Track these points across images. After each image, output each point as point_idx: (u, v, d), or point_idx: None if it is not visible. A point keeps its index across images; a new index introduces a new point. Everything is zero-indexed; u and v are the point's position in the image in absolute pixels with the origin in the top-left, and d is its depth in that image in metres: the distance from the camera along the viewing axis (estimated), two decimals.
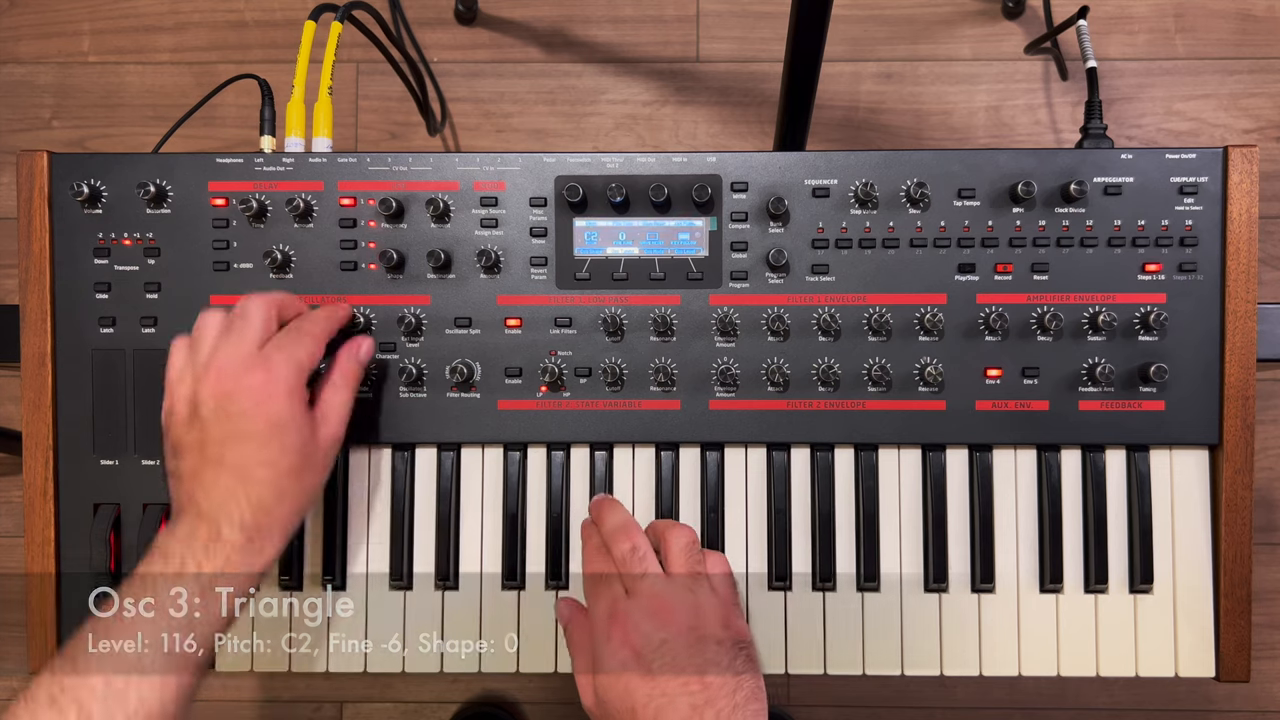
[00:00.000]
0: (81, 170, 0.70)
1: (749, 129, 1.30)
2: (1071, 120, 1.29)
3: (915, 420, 0.69)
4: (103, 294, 0.70)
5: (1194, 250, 0.69)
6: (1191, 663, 0.70)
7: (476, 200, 0.70)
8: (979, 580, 0.70)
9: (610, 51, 1.31)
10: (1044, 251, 0.69)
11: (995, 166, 0.69)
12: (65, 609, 0.70)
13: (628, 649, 0.59)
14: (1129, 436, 0.69)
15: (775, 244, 0.69)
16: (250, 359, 0.61)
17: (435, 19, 1.32)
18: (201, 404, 0.60)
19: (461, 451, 0.72)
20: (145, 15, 1.33)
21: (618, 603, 0.62)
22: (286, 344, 0.62)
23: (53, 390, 0.70)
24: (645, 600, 0.61)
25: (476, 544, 0.71)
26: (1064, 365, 0.69)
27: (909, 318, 0.69)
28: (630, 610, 0.61)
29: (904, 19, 1.31)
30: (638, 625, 0.60)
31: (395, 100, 1.31)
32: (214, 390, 0.60)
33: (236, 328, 0.62)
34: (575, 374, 0.70)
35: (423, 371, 0.70)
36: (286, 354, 0.61)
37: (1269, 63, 1.28)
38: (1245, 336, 0.68)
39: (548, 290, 0.70)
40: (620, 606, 0.61)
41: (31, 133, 1.32)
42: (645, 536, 0.65)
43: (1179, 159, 0.69)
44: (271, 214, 0.70)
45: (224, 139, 1.30)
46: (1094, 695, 1.29)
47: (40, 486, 0.70)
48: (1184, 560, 0.70)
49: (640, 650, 0.59)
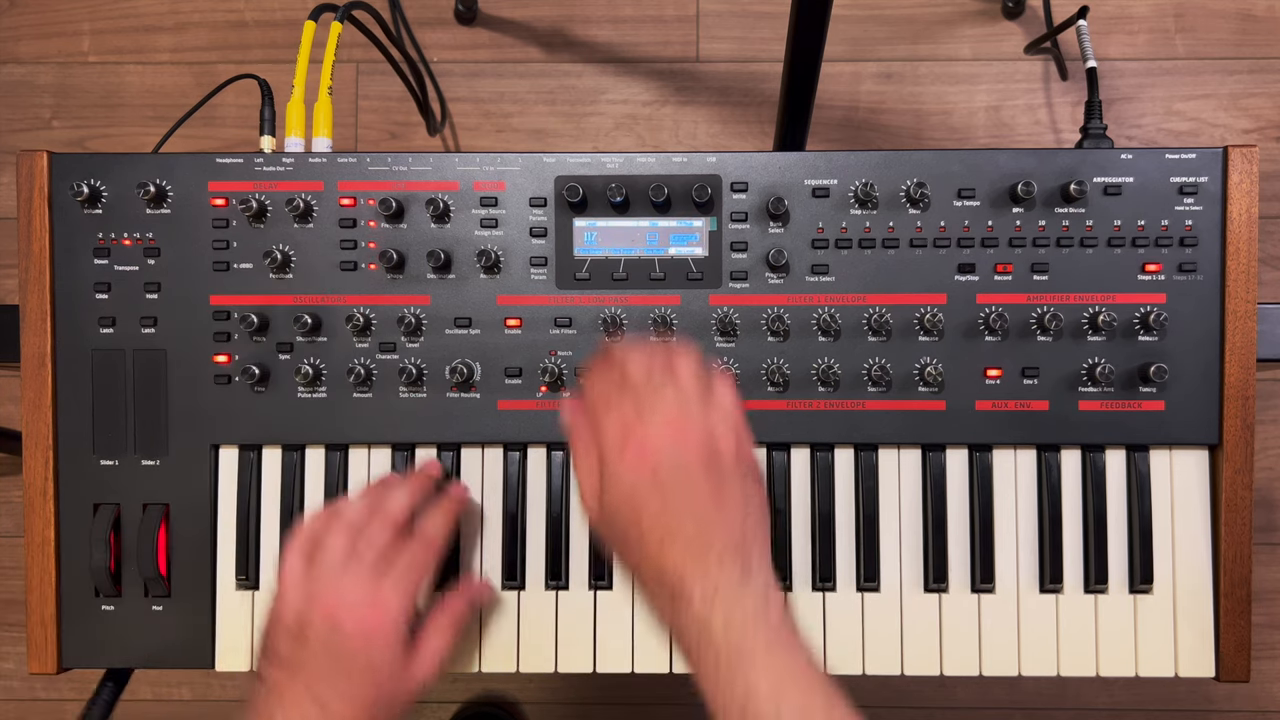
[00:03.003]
0: (81, 170, 0.70)
1: (749, 129, 1.30)
2: (1071, 120, 1.29)
3: (915, 420, 0.69)
4: (103, 294, 0.70)
5: (1194, 250, 0.69)
6: (1191, 663, 0.70)
7: (476, 200, 0.70)
8: (979, 580, 0.70)
9: (610, 51, 1.31)
10: (1044, 251, 0.69)
11: (995, 166, 0.69)
12: (65, 609, 0.70)
13: (644, 469, 0.58)
14: (1129, 436, 0.69)
15: (775, 244, 0.69)
16: (366, 592, 0.62)
17: (435, 19, 1.32)
18: (309, 625, 0.61)
19: (461, 451, 0.72)
20: (145, 15, 1.33)
21: (631, 425, 0.60)
22: (403, 574, 0.63)
23: (53, 390, 0.70)
24: (661, 421, 0.60)
25: (477, 544, 0.72)
26: (1064, 365, 0.69)
27: (909, 318, 0.69)
28: (646, 432, 0.59)
29: (904, 19, 1.31)
30: (656, 447, 0.59)
31: (395, 100, 1.31)
32: (325, 616, 0.61)
33: (360, 551, 0.63)
34: (575, 374, 0.70)
35: (423, 371, 0.70)
36: (402, 590, 0.63)
37: (1269, 63, 1.28)
38: (1245, 336, 0.68)
39: (548, 290, 0.70)
40: (635, 428, 0.60)
41: (31, 133, 1.32)
42: (658, 356, 0.63)
43: (1179, 159, 0.69)
44: (271, 214, 0.70)
45: (224, 139, 1.30)
46: (1094, 695, 1.29)
47: (40, 486, 0.70)
48: (1184, 560, 0.70)
49: (656, 470, 0.58)
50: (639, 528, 0.58)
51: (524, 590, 0.71)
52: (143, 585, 0.70)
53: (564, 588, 0.71)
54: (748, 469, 0.61)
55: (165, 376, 0.70)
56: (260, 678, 0.62)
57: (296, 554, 0.64)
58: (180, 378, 0.70)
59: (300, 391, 0.70)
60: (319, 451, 0.72)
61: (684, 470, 0.58)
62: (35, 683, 1.33)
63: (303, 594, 0.62)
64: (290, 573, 0.63)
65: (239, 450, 0.71)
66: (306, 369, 0.69)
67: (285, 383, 0.70)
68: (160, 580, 0.70)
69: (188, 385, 0.70)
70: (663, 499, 0.58)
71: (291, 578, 0.63)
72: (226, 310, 0.70)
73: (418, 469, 0.70)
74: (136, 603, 0.70)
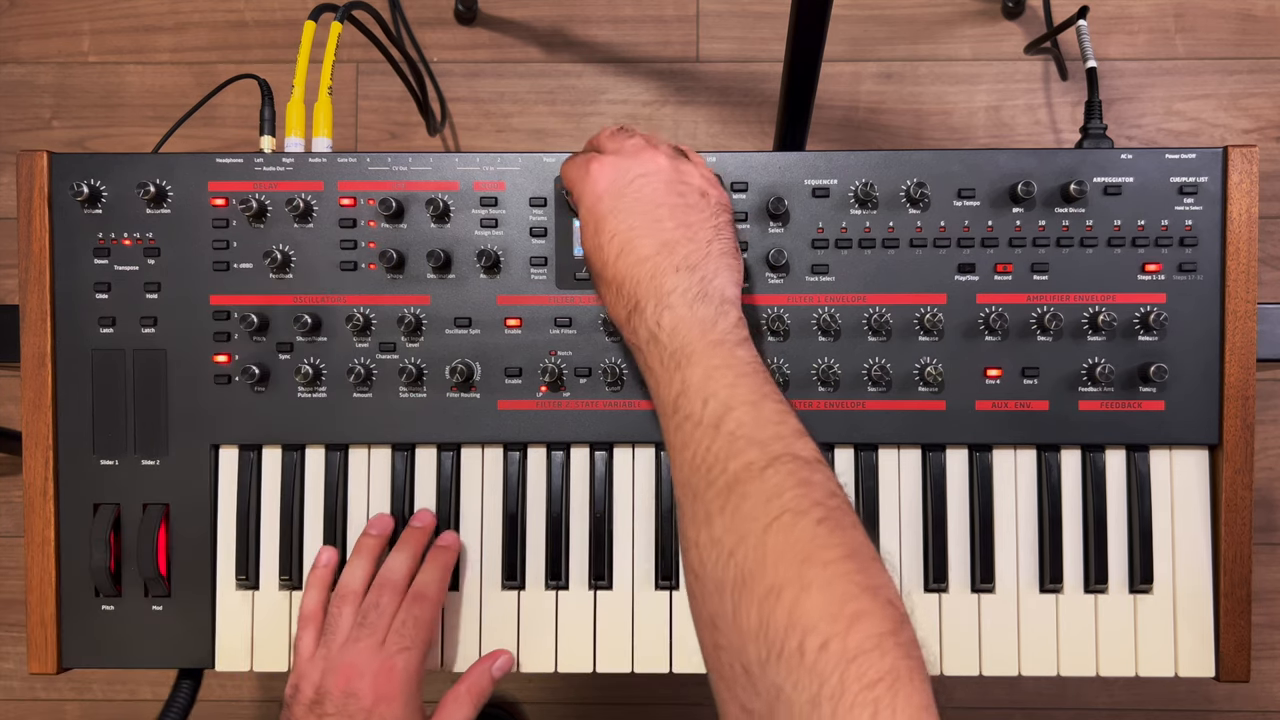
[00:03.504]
0: (81, 170, 0.70)
1: (749, 129, 1.30)
2: (1071, 120, 1.29)
3: (915, 420, 0.69)
4: (103, 294, 0.70)
5: (1194, 250, 0.69)
6: (1191, 663, 0.70)
7: (476, 200, 0.70)
8: (979, 580, 0.70)
9: (610, 51, 1.31)
10: (1044, 251, 0.69)
11: (995, 166, 0.69)
12: (65, 609, 0.70)
13: (602, 182, 0.61)
14: (1129, 436, 0.69)
15: (775, 244, 0.69)
16: (379, 659, 0.64)
17: (435, 19, 1.32)
18: (326, 696, 0.63)
19: (461, 451, 0.72)
20: (145, 15, 1.33)
21: (593, 158, 0.63)
22: (411, 636, 0.65)
23: (53, 390, 0.70)
24: (626, 150, 0.63)
25: (476, 544, 0.72)
26: (1064, 365, 0.69)
27: (909, 318, 0.69)
28: (606, 159, 0.63)
29: (904, 19, 1.31)
30: (615, 164, 0.62)
31: (395, 100, 1.31)
32: (341, 686, 0.63)
33: (371, 622, 0.65)
34: (575, 374, 0.70)
35: (423, 371, 0.70)
36: (411, 653, 0.65)
37: (1269, 63, 1.28)
38: (1245, 336, 0.68)
39: (548, 290, 0.70)
40: (596, 158, 0.63)
41: (31, 133, 1.32)
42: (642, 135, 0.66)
43: (1179, 159, 0.69)
44: (271, 214, 0.70)
45: (224, 139, 1.30)
46: (1094, 695, 1.29)
47: (40, 486, 0.70)
48: (1184, 560, 0.70)
49: (614, 182, 0.61)
50: (605, 248, 0.60)
51: (524, 590, 0.71)
52: (143, 585, 0.70)
53: (564, 588, 0.71)
54: (720, 207, 0.63)
55: (165, 376, 0.70)
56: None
57: (307, 632, 0.67)
58: (180, 378, 0.70)
59: (300, 391, 0.70)
60: (319, 451, 0.72)
61: (644, 182, 0.61)
62: (35, 683, 1.33)
63: (319, 669, 0.65)
64: (304, 650, 0.66)
65: (239, 450, 0.71)
66: (306, 369, 0.69)
67: (285, 383, 0.70)
68: (160, 580, 0.70)
69: (188, 385, 0.70)
70: (627, 217, 0.60)
71: (306, 651, 0.66)
72: (226, 310, 0.70)
73: (411, 523, 0.71)
74: (136, 603, 0.70)
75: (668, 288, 0.58)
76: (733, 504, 0.50)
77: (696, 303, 0.58)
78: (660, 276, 0.58)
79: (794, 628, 0.44)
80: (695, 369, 0.55)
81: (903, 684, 0.42)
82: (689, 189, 0.62)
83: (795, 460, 0.51)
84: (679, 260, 0.59)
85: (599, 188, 0.61)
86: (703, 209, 0.62)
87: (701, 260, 0.59)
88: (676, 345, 0.56)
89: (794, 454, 0.51)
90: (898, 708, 0.41)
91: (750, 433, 0.52)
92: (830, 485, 0.51)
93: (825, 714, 0.42)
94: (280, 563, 0.71)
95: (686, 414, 0.54)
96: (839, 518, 0.49)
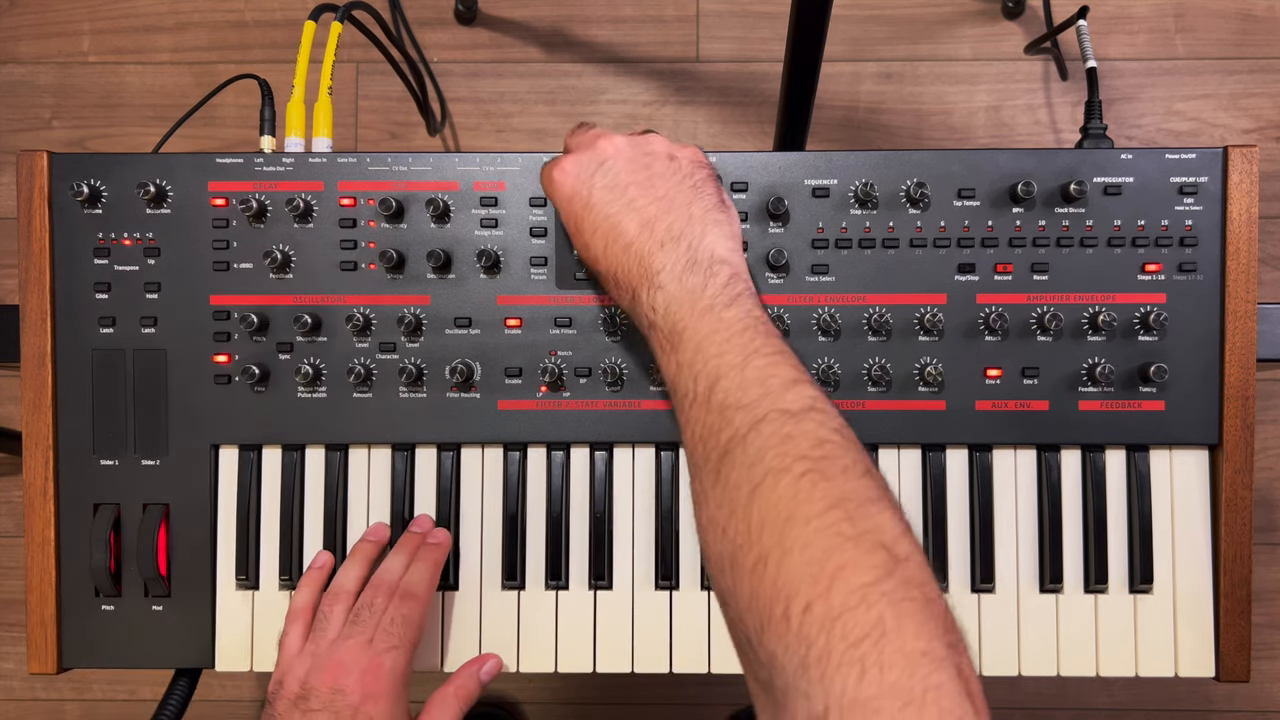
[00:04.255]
0: (81, 170, 0.70)
1: (749, 129, 1.30)
2: (1071, 120, 1.29)
3: (915, 420, 0.69)
4: (103, 294, 0.70)
5: (1194, 250, 0.69)
6: (1191, 663, 0.70)
7: (476, 200, 0.70)
8: (979, 580, 0.70)
9: (610, 51, 1.31)
10: (1044, 251, 0.69)
11: (995, 166, 0.69)
12: (65, 609, 0.70)
13: (568, 184, 0.61)
14: (1129, 436, 0.69)
15: (775, 244, 0.69)
16: (366, 658, 0.64)
17: (435, 19, 1.32)
18: (312, 692, 0.63)
19: (461, 451, 0.72)
20: (145, 15, 1.33)
21: (555, 163, 0.63)
22: (399, 634, 0.65)
23: (53, 390, 0.70)
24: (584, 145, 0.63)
25: (476, 543, 0.72)
26: (1064, 365, 0.69)
27: (909, 318, 0.69)
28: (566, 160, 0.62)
29: (904, 19, 1.31)
30: (575, 161, 0.62)
31: (395, 100, 1.31)
32: (328, 682, 0.63)
33: (363, 620, 0.65)
34: (575, 374, 0.70)
35: (423, 371, 0.70)
36: (398, 651, 0.65)
37: (1269, 63, 1.28)
38: (1245, 336, 0.68)
39: (548, 290, 0.70)
40: (558, 163, 0.63)
41: (31, 133, 1.32)
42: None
43: (1179, 159, 0.69)
44: (271, 214, 0.70)
45: (224, 139, 1.30)
46: (1094, 695, 1.29)
47: (40, 486, 0.70)
48: (1184, 560, 0.70)
49: (578, 179, 0.61)
50: (591, 245, 0.60)
51: (524, 590, 0.71)
52: (143, 585, 0.70)
53: (564, 588, 0.71)
54: (693, 165, 0.62)
55: (165, 376, 0.70)
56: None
57: (294, 628, 0.67)
58: (180, 378, 0.70)
59: (300, 391, 0.70)
60: (319, 451, 0.72)
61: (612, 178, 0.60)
62: (35, 683, 1.33)
63: (305, 665, 0.64)
64: (290, 645, 0.66)
65: (239, 450, 0.71)
66: (306, 369, 0.69)
67: (285, 383, 0.70)
68: (160, 580, 0.70)
69: (188, 385, 0.70)
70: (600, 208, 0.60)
71: (292, 647, 0.66)
72: (226, 310, 0.70)
73: (410, 528, 0.71)
74: (136, 603, 0.70)
75: (656, 267, 0.57)
76: (722, 477, 0.49)
77: (685, 273, 0.57)
78: (648, 258, 0.58)
79: (778, 596, 0.43)
80: (687, 345, 0.54)
81: (890, 635, 0.40)
82: (654, 158, 0.61)
83: (781, 416, 0.49)
84: (662, 234, 0.58)
85: (566, 190, 0.61)
86: (674, 174, 0.61)
87: (685, 226, 0.58)
88: (670, 325, 0.56)
89: (781, 409, 0.49)
90: (885, 662, 0.40)
91: (736, 399, 0.51)
92: (819, 433, 0.48)
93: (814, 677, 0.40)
94: (280, 563, 0.71)
95: (684, 393, 0.54)
96: (824, 467, 0.47)
